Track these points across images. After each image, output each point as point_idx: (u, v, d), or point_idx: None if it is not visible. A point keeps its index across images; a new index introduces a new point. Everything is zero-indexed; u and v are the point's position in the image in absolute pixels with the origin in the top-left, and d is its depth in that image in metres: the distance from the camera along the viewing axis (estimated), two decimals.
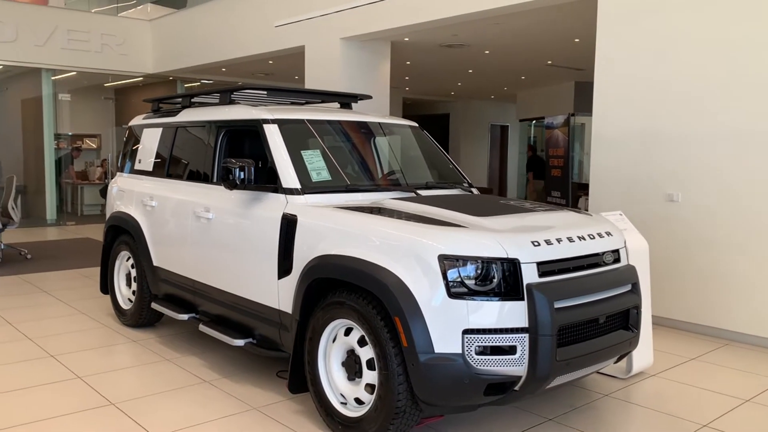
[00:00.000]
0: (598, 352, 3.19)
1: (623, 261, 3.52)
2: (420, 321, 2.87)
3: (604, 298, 3.24)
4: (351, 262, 3.14)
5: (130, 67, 12.40)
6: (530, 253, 2.97)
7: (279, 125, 3.95)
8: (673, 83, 5.30)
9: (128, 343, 4.79)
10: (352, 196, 3.80)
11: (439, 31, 8.19)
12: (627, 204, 5.59)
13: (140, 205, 5.00)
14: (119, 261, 5.33)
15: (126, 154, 5.54)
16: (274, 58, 10.48)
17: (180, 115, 4.87)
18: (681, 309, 5.35)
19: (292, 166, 3.75)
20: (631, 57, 5.55)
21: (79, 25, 11.73)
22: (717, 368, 4.45)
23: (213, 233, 4.18)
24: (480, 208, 3.47)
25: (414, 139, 4.73)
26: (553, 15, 7.15)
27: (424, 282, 2.91)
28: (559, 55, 10.21)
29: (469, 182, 4.56)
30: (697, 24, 5.12)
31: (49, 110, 12.16)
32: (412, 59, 10.80)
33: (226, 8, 10.49)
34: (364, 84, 8.53)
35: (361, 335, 3.17)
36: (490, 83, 14.53)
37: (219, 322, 4.28)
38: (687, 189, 5.27)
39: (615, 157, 5.73)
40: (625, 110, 5.62)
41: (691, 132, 5.21)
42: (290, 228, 3.56)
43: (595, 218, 3.67)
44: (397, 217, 3.26)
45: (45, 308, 5.76)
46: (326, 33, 8.53)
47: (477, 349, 2.87)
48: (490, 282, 2.91)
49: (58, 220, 12.35)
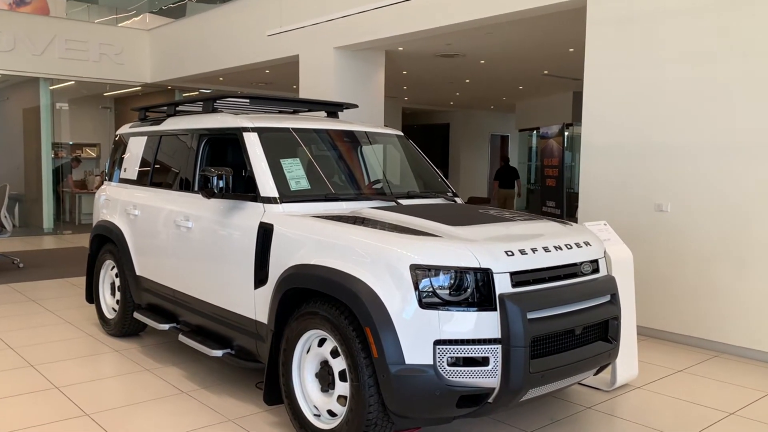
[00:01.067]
0: (575, 364, 3.13)
1: (602, 271, 3.47)
2: (391, 331, 2.83)
3: (581, 308, 3.19)
4: (324, 271, 3.10)
5: (128, 77, 12.44)
6: (503, 262, 2.93)
7: (259, 134, 3.93)
8: (662, 93, 5.26)
9: (110, 353, 4.75)
10: (331, 205, 3.76)
11: (433, 41, 8.19)
12: (616, 213, 5.55)
13: (124, 214, 4.98)
14: (104, 270, 5.30)
15: (114, 163, 5.53)
16: (271, 67, 10.50)
17: (164, 124, 4.86)
18: (669, 320, 5.29)
19: (270, 175, 3.73)
20: (619, 66, 5.52)
21: (77, 35, 11.78)
22: (703, 380, 4.38)
23: (192, 242, 4.15)
24: (457, 218, 3.43)
25: (400, 148, 4.70)
26: (545, 24, 7.13)
27: (395, 292, 2.87)
28: (554, 65, 10.20)
29: (453, 191, 4.53)
30: (686, 35, 5.09)
31: (47, 119, 12.20)
32: (408, 69, 10.81)
33: (223, 18, 10.53)
34: (359, 93, 8.53)
35: (334, 346, 3.13)
36: (488, 93, 14.53)
37: (198, 333, 4.24)
38: (676, 199, 5.22)
39: (604, 167, 5.69)
40: (615, 120, 5.59)
41: (681, 142, 5.17)
42: (266, 237, 3.53)
43: (574, 228, 3.62)
44: (372, 227, 3.22)
45: (31, 317, 5.74)
46: (320, 42, 8.54)
47: (449, 360, 2.82)
48: (463, 292, 2.87)
49: (55, 228, 12.36)
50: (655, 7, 5.25)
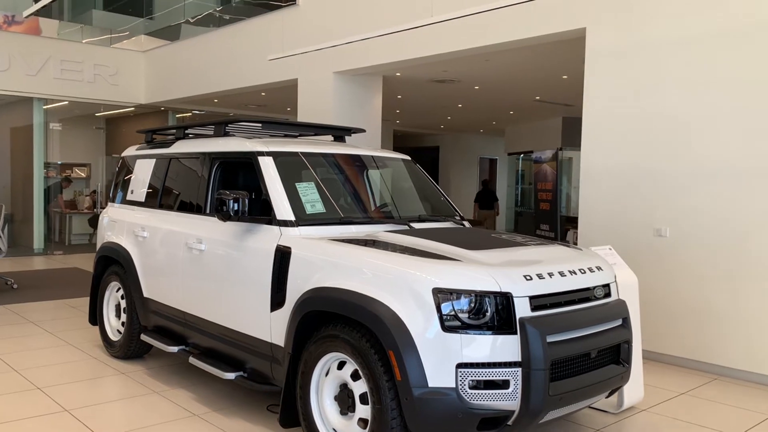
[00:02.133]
0: (591, 387, 3.20)
1: (614, 295, 3.55)
2: (414, 355, 2.87)
3: (596, 332, 3.27)
4: (345, 294, 3.15)
5: (122, 98, 12.46)
6: (523, 287, 3.00)
7: (274, 158, 3.99)
8: (660, 120, 5.41)
9: (116, 375, 4.73)
10: (345, 229, 3.82)
11: (430, 67, 8.33)
12: (616, 238, 5.66)
13: (131, 236, 4.99)
14: (109, 292, 5.29)
15: (118, 185, 5.54)
16: (267, 90, 10.58)
17: (174, 147, 4.90)
18: (671, 343, 5.38)
19: (286, 198, 3.78)
20: (618, 94, 5.68)
21: (72, 56, 11.81)
22: (707, 403, 4.46)
23: (205, 265, 4.18)
24: (472, 242, 3.51)
25: (406, 172, 4.78)
26: (542, 52, 7.30)
27: (418, 315, 2.92)
28: (547, 91, 10.39)
29: (460, 215, 4.60)
30: (683, 64, 5.26)
31: (40, 139, 12.16)
32: (403, 93, 10.95)
33: (219, 40, 10.63)
34: (356, 117, 8.63)
35: (355, 369, 3.16)
36: (479, 117, 14.73)
37: (209, 355, 4.24)
38: (675, 224, 5.35)
39: (603, 192, 5.81)
40: (613, 146, 5.73)
41: (679, 168, 5.31)
42: (284, 260, 3.57)
43: (585, 253, 3.71)
44: (392, 250, 3.29)
45: (31, 339, 5.69)
46: (319, 67, 8.65)
47: (470, 383, 2.87)
48: (483, 316, 2.93)
49: (45, 249, 12.25)
50: (653, 37, 5.42)
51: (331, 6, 8.47)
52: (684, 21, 5.23)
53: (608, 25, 5.70)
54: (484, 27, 6.56)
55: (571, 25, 5.95)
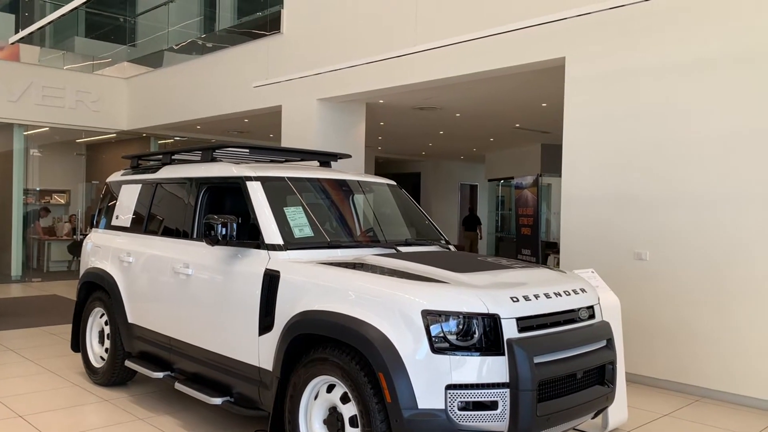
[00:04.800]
0: (577, 407, 3.24)
1: (598, 317, 3.62)
2: (404, 376, 2.90)
3: (581, 353, 3.32)
4: (335, 317, 3.17)
5: (104, 124, 12.43)
6: (510, 308, 3.05)
7: (262, 182, 4.03)
8: (639, 147, 5.55)
9: (99, 402, 4.67)
10: (333, 252, 3.85)
11: (413, 95, 8.47)
12: (597, 262, 5.75)
13: (117, 261, 4.97)
14: (92, 318, 5.24)
15: (102, 210, 5.53)
16: (250, 117, 10.65)
17: (160, 172, 4.92)
18: (653, 365, 5.45)
19: (275, 222, 3.81)
20: (597, 120, 5.82)
21: (54, 82, 11.78)
22: (690, 425, 4.52)
23: (192, 289, 4.18)
24: (460, 265, 3.56)
25: (392, 196, 4.85)
26: (522, 80, 7.47)
27: (407, 337, 2.95)
28: (526, 119, 10.59)
29: (446, 239, 4.67)
30: (662, 90, 5.43)
31: (20, 165, 12.05)
32: (386, 120, 11.09)
33: (202, 68, 10.70)
34: (340, 143, 8.71)
35: (344, 392, 3.17)
36: (460, 144, 14.93)
37: (195, 380, 4.22)
38: (655, 247, 5.46)
39: (584, 216, 5.93)
40: (593, 171, 5.86)
41: (657, 192, 5.44)
42: (272, 283, 3.59)
43: (569, 275, 3.78)
44: (380, 273, 3.33)
45: (11, 367, 5.60)
46: (303, 94, 8.74)
47: (460, 404, 2.90)
48: (472, 337, 2.97)
49: (23, 276, 12.06)
50: (632, 64, 5.59)
51: (316, 34, 8.60)
52: (662, 49, 5.41)
53: (587, 54, 5.86)
54: (466, 56, 6.71)
55: (551, 54, 6.12)
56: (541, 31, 5.95)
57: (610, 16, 5.55)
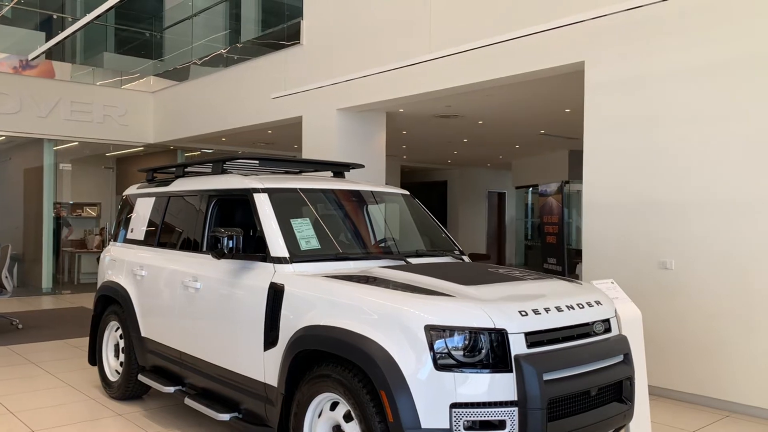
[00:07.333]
0: (592, 426, 3.09)
1: (614, 331, 3.46)
2: (406, 395, 2.80)
3: (596, 369, 3.17)
4: (336, 332, 3.09)
5: (131, 138, 12.62)
6: (518, 323, 2.93)
7: (269, 194, 3.98)
8: (662, 152, 5.37)
9: (113, 417, 4.66)
10: (341, 265, 3.78)
11: (433, 102, 8.38)
12: (620, 271, 5.56)
13: (130, 275, 4.97)
14: (108, 331, 5.25)
15: (120, 223, 5.55)
16: (273, 128, 10.68)
17: (173, 185, 4.91)
18: (679, 379, 5.23)
19: (280, 235, 3.75)
20: (618, 126, 5.65)
21: (82, 97, 12.01)
22: None
23: (200, 303, 4.14)
24: (468, 277, 3.45)
25: (406, 207, 4.75)
26: (542, 86, 7.32)
27: (410, 353, 2.85)
28: (551, 125, 10.40)
29: (460, 250, 4.55)
30: (684, 94, 5.24)
31: (50, 179, 12.30)
32: (407, 129, 11.01)
33: (226, 80, 10.78)
34: (361, 153, 8.66)
35: (347, 410, 3.08)
36: (485, 152, 14.75)
37: (205, 396, 4.17)
38: (680, 256, 5.25)
39: (607, 225, 5.74)
40: (616, 178, 5.68)
41: (682, 200, 5.24)
42: (277, 297, 3.53)
43: (584, 287, 3.64)
44: (384, 286, 3.23)
45: (31, 380, 5.64)
46: (323, 104, 8.72)
47: (465, 423, 2.79)
48: (478, 353, 2.85)
49: (53, 288, 12.27)
50: (652, 69, 5.41)
51: (334, 44, 8.58)
52: (684, 54, 5.22)
53: (607, 58, 5.70)
54: (482, 62, 6.60)
55: (569, 59, 5.97)
56: (558, 36, 5.82)
57: (629, 17, 5.39)
